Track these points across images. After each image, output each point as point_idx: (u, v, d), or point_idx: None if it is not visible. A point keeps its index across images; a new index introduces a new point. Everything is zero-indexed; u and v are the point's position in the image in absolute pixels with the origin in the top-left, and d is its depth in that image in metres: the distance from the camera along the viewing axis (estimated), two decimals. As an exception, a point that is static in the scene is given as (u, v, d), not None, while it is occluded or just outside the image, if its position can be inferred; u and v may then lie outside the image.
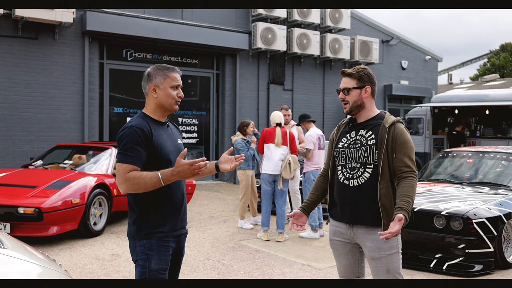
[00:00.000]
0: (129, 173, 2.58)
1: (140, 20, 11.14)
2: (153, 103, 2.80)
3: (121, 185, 2.62)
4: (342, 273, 3.17)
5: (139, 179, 2.56)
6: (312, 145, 7.09)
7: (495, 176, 6.89)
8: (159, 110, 2.81)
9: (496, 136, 12.79)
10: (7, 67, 9.87)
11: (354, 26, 15.04)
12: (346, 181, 3.01)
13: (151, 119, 2.78)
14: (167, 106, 2.80)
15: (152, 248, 2.69)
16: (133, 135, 2.64)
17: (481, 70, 41.69)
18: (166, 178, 2.55)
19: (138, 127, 2.66)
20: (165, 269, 2.74)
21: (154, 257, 2.69)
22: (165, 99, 2.78)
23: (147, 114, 2.80)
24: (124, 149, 2.63)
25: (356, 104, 3.04)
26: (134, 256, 2.75)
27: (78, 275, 5.12)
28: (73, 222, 6.43)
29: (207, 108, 12.97)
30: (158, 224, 2.71)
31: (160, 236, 2.71)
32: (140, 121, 2.72)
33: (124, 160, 2.61)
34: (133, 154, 2.62)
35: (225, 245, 6.50)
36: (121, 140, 2.66)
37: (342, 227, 3.07)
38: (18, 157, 9.93)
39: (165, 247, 2.73)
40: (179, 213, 2.82)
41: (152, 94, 2.79)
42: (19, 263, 2.51)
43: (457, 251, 5.39)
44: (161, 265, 2.71)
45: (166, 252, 2.73)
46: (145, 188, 2.58)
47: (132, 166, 2.60)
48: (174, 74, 2.82)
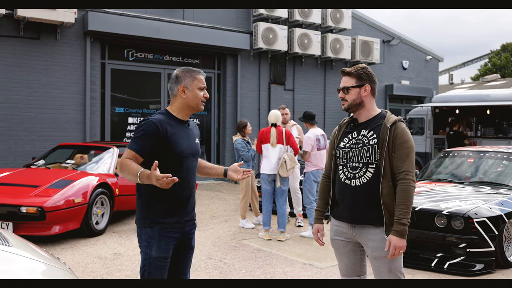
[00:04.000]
0: (126, 159, 2.79)
1: (142, 20, 11.17)
2: (181, 103, 2.98)
3: (117, 165, 2.86)
4: (344, 272, 3.18)
5: (127, 168, 2.75)
6: (310, 147, 7.09)
7: (496, 175, 6.90)
8: (186, 109, 2.99)
9: (497, 136, 12.81)
10: (9, 67, 9.90)
11: (355, 26, 15.06)
12: (347, 181, 3.01)
13: (173, 117, 2.95)
14: (194, 106, 3.00)
15: (154, 237, 2.85)
16: (148, 127, 2.82)
17: (482, 70, 41.67)
18: (142, 178, 2.70)
19: (154, 121, 2.84)
20: (165, 258, 2.88)
21: (155, 245, 2.84)
22: (193, 100, 2.98)
23: (170, 112, 2.97)
24: (135, 137, 2.84)
25: (354, 102, 3.04)
26: (139, 242, 2.92)
27: (81, 274, 5.14)
28: (75, 221, 6.46)
29: (208, 108, 13.00)
30: (163, 215, 2.87)
31: (163, 226, 2.86)
32: (159, 117, 2.89)
33: (130, 146, 2.83)
34: (139, 143, 2.81)
35: (227, 245, 6.52)
36: (137, 129, 2.88)
37: (343, 226, 3.08)
38: (20, 156, 9.96)
39: (167, 237, 2.87)
40: (186, 207, 2.96)
41: (181, 95, 2.96)
42: (25, 261, 2.53)
43: (458, 251, 5.40)
44: (160, 253, 2.85)
45: (168, 242, 2.88)
46: (128, 178, 2.78)
47: (134, 154, 2.80)
48: (201, 76, 3.03)
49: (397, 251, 2.83)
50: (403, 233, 2.84)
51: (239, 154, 7.60)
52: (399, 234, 2.84)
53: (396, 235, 2.84)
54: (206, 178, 12.69)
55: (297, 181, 7.71)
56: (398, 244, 2.83)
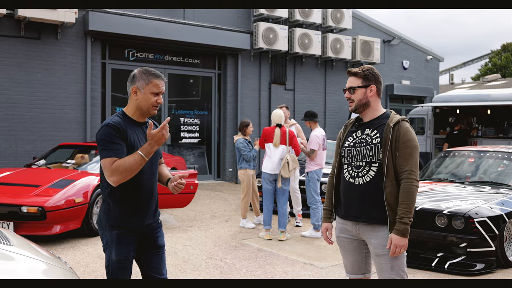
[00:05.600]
0: (114, 164, 2.71)
1: (142, 20, 11.17)
2: (133, 104, 2.90)
3: (110, 178, 2.72)
4: (349, 269, 3.20)
5: (124, 165, 2.69)
6: (317, 145, 7.10)
7: (497, 175, 6.91)
8: (137, 111, 2.90)
9: (498, 136, 12.80)
10: (9, 67, 9.91)
11: (356, 26, 15.06)
12: (351, 180, 3.04)
13: (129, 119, 2.89)
14: (145, 110, 2.89)
15: (113, 240, 2.84)
16: (109, 132, 2.77)
17: (483, 70, 41.66)
18: (146, 152, 2.71)
19: (112, 125, 2.79)
20: (125, 260, 2.86)
21: (114, 248, 2.84)
22: (144, 103, 2.87)
23: (126, 114, 2.91)
24: (104, 146, 2.76)
25: (361, 102, 3.08)
26: (102, 244, 2.92)
27: (82, 274, 5.14)
28: (76, 221, 6.46)
29: (209, 108, 13.00)
30: (122, 218, 2.84)
31: (121, 231, 2.84)
32: (116, 119, 2.84)
33: (106, 155, 2.74)
34: (113, 147, 2.75)
35: (227, 244, 6.53)
36: (99, 140, 2.79)
37: (348, 224, 3.11)
38: (20, 156, 9.97)
39: (126, 240, 2.85)
40: (147, 209, 2.92)
41: (133, 96, 2.88)
42: (26, 260, 2.54)
43: (459, 250, 5.40)
44: (120, 256, 2.84)
45: (127, 245, 2.86)
46: (132, 170, 2.71)
47: (114, 158, 2.73)
48: (157, 81, 2.87)
49: (397, 249, 2.88)
50: (405, 232, 2.87)
51: (241, 154, 7.61)
52: (401, 233, 2.87)
53: (398, 234, 2.88)
54: (206, 178, 12.71)
55: (296, 181, 7.71)
56: (399, 242, 2.87)
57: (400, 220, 2.89)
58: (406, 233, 2.88)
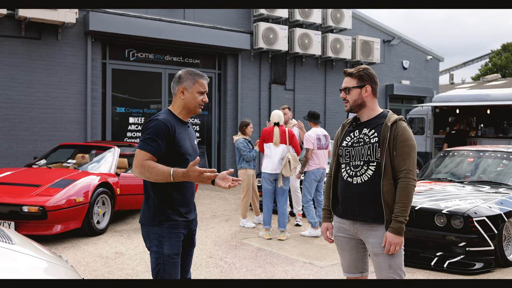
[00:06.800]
0: (147, 161, 2.81)
1: (142, 20, 11.19)
2: (180, 103, 3.03)
3: (136, 168, 2.84)
4: (346, 268, 3.22)
5: (153, 169, 2.79)
6: (310, 145, 7.14)
7: (496, 175, 6.92)
8: (184, 110, 3.04)
9: (497, 136, 12.80)
10: (10, 67, 9.93)
11: (356, 26, 15.08)
12: (349, 179, 3.06)
13: (176, 118, 3.01)
14: (192, 108, 3.03)
15: (164, 235, 2.90)
16: (158, 127, 2.86)
17: (483, 70, 41.67)
18: (176, 177, 2.78)
19: (164, 122, 2.89)
20: (177, 254, 2.94)
21: (166, 243, 2.90)
22: (191, 102, 3.01)
23: (172, 112, 3.03)
24: (147, 138, 2.86)
25: (356, 103, 3.10)
26: (147, 243, 2.96)
27: (82, 273, 5.16)
28: (76, 220, 6.49)
29: (209, 107, 13.02)
30: (171, 213, 2.92)
31: (171, 224, 2.91)
32: (167, 116, 2.95)
33: (144, 147, 2.84)
34: (153, 144, 2.84)
35: (228, 244, 6.55)
36: (146, 129, 2.89)
37: (345, 223, 3.13)
38: (21, 156, 9.99)
39: (176, 234, 2.93)
40: (190, 205, 3.05)
41: (180, 96, 3.01)
42: (27, 259, 2.55)
43: (458, 249, 5.42)
44: (173, 250, 2.92)
45: (177, 238, 2.94)
46: (156, 179, 2.81)
47: (150, 155, 2.83)
48: (203, 81, 3.03)
49: (392, 247, 2.92)
50: (399, 230, 2.92)
51: (241, 154, 7.62)
52: (396, 231, 2.91)
53: (392, 232, 2.92)
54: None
55: (298, 181, 7.74)
56: (393, 240, 2.91)
57: (395, 218, 2.92)
58: (401, 232, 2.92)
